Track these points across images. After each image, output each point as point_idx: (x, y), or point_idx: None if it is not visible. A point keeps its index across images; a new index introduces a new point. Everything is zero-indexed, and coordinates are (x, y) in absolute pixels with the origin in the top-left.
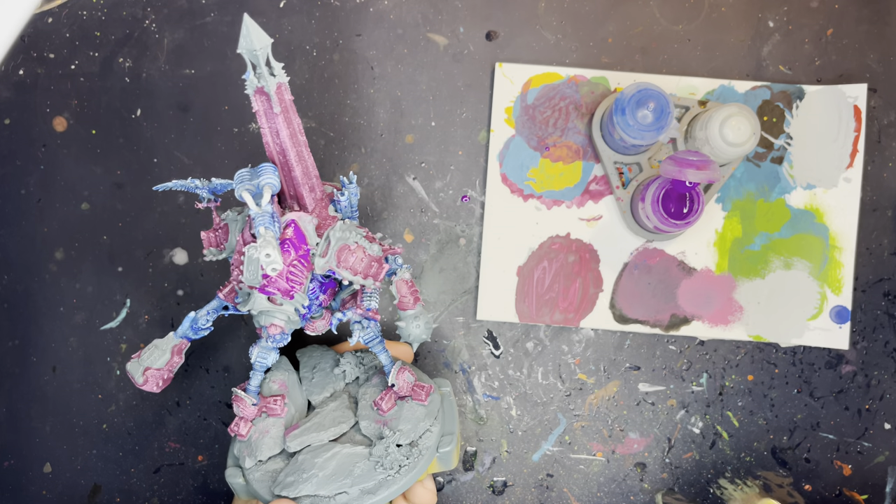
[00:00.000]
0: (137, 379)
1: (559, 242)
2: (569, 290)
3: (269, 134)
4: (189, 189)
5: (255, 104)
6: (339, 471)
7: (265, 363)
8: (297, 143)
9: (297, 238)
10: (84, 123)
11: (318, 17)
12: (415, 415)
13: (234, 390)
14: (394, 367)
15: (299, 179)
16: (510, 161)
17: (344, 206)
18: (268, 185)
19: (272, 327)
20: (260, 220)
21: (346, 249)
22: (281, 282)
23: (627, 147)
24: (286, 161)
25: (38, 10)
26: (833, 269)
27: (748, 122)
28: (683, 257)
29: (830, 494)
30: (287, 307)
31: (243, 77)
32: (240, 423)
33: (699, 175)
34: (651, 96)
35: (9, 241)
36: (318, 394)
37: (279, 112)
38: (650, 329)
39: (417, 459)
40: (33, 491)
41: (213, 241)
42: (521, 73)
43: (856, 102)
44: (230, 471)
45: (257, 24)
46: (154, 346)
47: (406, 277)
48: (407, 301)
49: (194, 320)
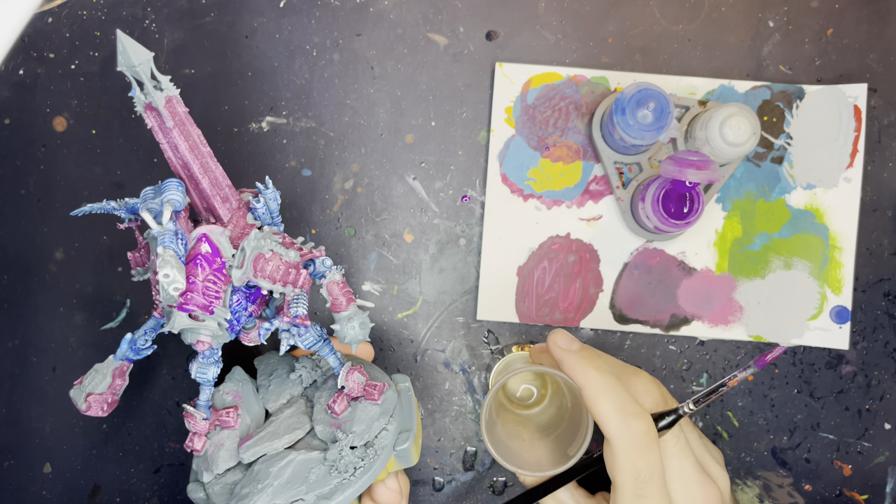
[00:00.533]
0: (80, 405)
1: (559, 242)
2: (569, 290)
3: (168, 149)
4: (106, 211)
5: (148, 121)
6: (295, 478)
7: (206, 377)
8: (199, 154)
9: (210, 252)
10: (84, 123)
11: (318, 17)
12: (368, 415)
13: (184, 406)
14: (343, 368)
15: (208, 191)
16: (510, 161)
17: (261, 213)
18: (168, 201)
19: (199, 343)
20: (161, 238)
21: (262, 258)
22: (198, 297)
23: (627, 147)
24: (191, 174)
25: (38, 10)
26: (833, 269)
27: (748, 122)
28: (683, 257)
29: (830, 494)
30: (209, 322)
31: (130, 94)
32: (194, 439)
33: (699, 175)
34: (651, 96)
35: (9, 241)
36: (274, 401)
37: (172, 126)
38: (650, 329)
39: (373, 460)
40: (33, 491)
41: (139, 261)
42: (521, 73)
43: (856, 102)
44: (191, 486)
45: (134, 40)
46: (95, 371)
47: (336, 279)
48: (339, 303)
49: (132, 341)
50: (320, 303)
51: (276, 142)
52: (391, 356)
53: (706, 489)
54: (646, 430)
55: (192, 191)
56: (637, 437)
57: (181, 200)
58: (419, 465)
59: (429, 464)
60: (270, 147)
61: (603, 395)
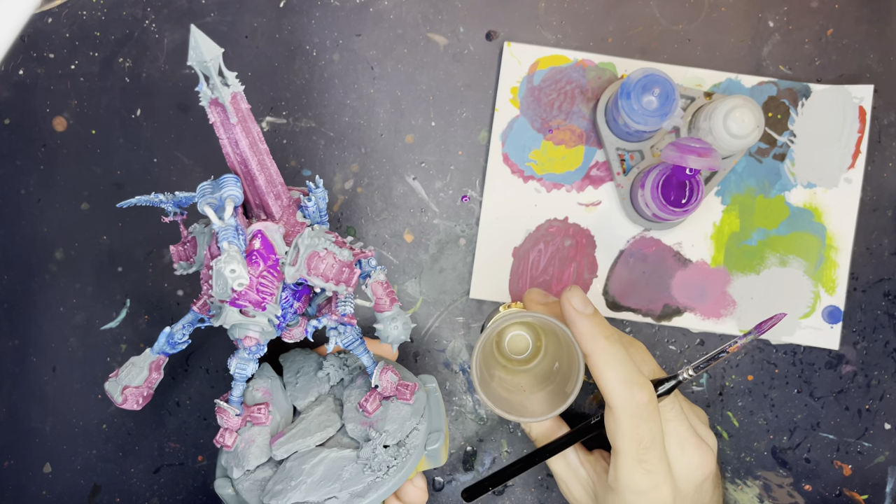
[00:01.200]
0: (116, 398)
1: (557, 226)
2: (563, 273)
3: (227, 145)
4: (153, 204)
5: (211, 115)
6: (328, 476)
7: (245, 374)
8: (257, 151)
9: (264, 248)
10: (84, 123)
11: (318, 17)
12: (400, 414)
13: (217, 402)
14: (376, 367)
15: (263, 188)
16: (512, 141)
17: (312, 211)
18: (230, 197)
19: (247, 339)
20: (223, 234)
21: (316, 256)
22: (252, 294)
23: (631, 133)
24: (248, 171)
25: (38, 10)
26: (828, 268)
27: (752, 115)
28: (680, 248)
29: (830, 494)
30: (260, 318)
31: (196, 89)
32: (224, 435)
33: (700, 162)
34: (657, 82)
35: (9, 241)
36: (302, 398)
37: (236, 122)
38: (642, 318)
39: (405, 459)
40: (33, 491)
41: (183, 255)
42: (528, 54)
43: (861, 103)
44: (219, 482)
45: (206, 34)
46: (132, 364)
47: (381, 279)
48: (383, 303)
49: (170, 335)
50: None
51: (276, 142)
52: None
53: (701, 450)
54: (648, 400)
55: (248, 187)
56: (640, 406)
57: (240, 196)
58: None
59: None
60: (270, 147)
61: (610, 364)
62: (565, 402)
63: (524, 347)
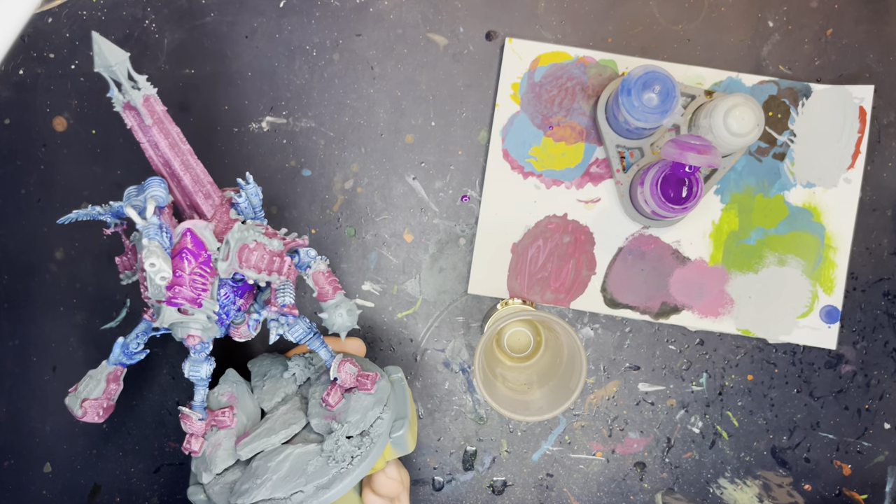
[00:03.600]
0: (76, 412)
1: (556, 222)
2: (562, 270)
3: (148, 147)
4: (92, 217)
5: (127, 120)
6: (293, 471)
7: (199, 375)
8: (179, 152)
9: (195, 245)
10: (84, 123)
11: (318, 17)
12: (362, 405)
13: (180, 408)
14: (334, 360)
15: (190, 188)
16: (513, 137)
17: (244, 207)
18: (152, 197)
19: (190, 338)
20: (145, 231)
21: (247, 249)
22: (185, 291)
23: (631, 130)
24: (173, 172)
25: (38, 10)
26: (827, 268)
27: (752, 113)
28: (678, 246)
29: (830, 494)
30: (199, 315)
31: (108, 95)
32: (191, 441)
33: (700, 159)
34: (658, 79)
35: (9, 241)
36: (269, 400)
37: (151, 124)
38: (640, 315)
39: (370, 448)
40: (33, 491)
41: (127, 265)
42: (530, 50)
43: (861, 103)
44: (191, 489)
45: (109, 41)
46: (89, 377)
47: (322, 268)
48: (325, 291)
49: (125, 345)
50: (309, 301)
51: (276, 142)
52: (391, 356)
53: None
54: None
55: (175, 188)
56: None
57: (164, 196)
58: (419, 464)
59: (428, 463)
60: (270, 147)
61: None
62: (569, 399)
63: (525, 344)
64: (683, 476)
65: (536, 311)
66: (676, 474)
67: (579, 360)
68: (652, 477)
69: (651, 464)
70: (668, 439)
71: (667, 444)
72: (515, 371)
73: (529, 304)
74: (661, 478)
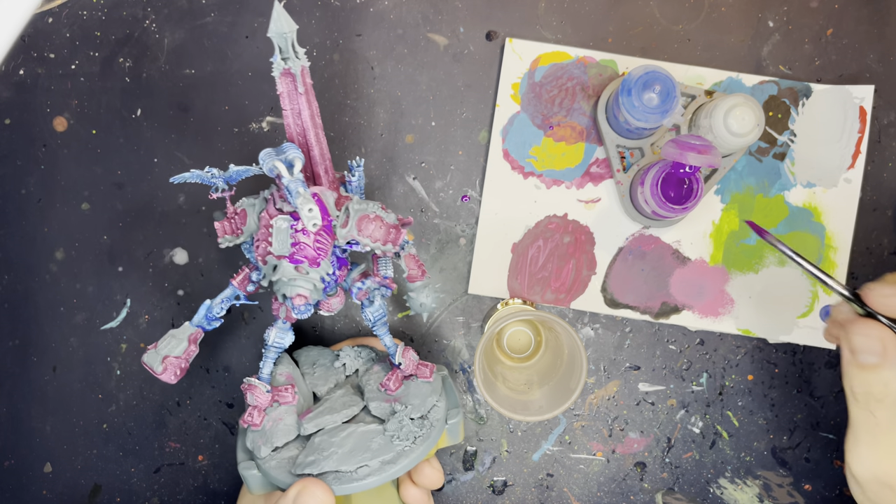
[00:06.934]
0: (156, 368)
1: (556, 222)
2: (562, 270)
3: (290, 115)
4: (205, 181)
5: (280, 86)
6: (358, 447)
7: (282, 344)
8: (315, 124)
9: (320, 210)
10: (84, 123)
11: (318, 17)
12: (421, 391)
13: (247, 379)
14: (398, 348)
15: (317, 159)
16: (513, 137)
17: (355, 186)
18: (296, 157)
19: (297, 297)
20: (295, 184)
21: (366, 219)
22: (309, 249)
23: (631, 130)
24: (306, 141)
25: (38, 10)
26: (827, 268)
27: (753, 113)
28: (679, 246)
29: (830, 494)
30: (313, 275)
31: (270, 60)
32: (253, 413)
33: (700, 159)
34: (658, 79)
35: (9, 241)
36: (321, 386)
37: (303, 92)
38: (640, 315)
39: (430, 430)
40: (33, 491)
41: (229, 230)
42: (530, 50)
43: (862, 104)
44: (244, 464)
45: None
46: (171, 336)
47: (413, 252)
48: (415, 273)
49: (209, 308)
50: None
51: (277, 142)
52: None
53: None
54: None
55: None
56: None
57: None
58: None
59: None
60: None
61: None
62: (570, 399)
63: (525, 344)
64: (684, 476)
65: (537, 311)
66: (677, 474)
67: (579, 360)
68: (652, 477)
69: (651, 464)
70: (669, 439)
71: (667, 444)
72: (516, 371)
73: (530, 304)
74: (662, 478)
